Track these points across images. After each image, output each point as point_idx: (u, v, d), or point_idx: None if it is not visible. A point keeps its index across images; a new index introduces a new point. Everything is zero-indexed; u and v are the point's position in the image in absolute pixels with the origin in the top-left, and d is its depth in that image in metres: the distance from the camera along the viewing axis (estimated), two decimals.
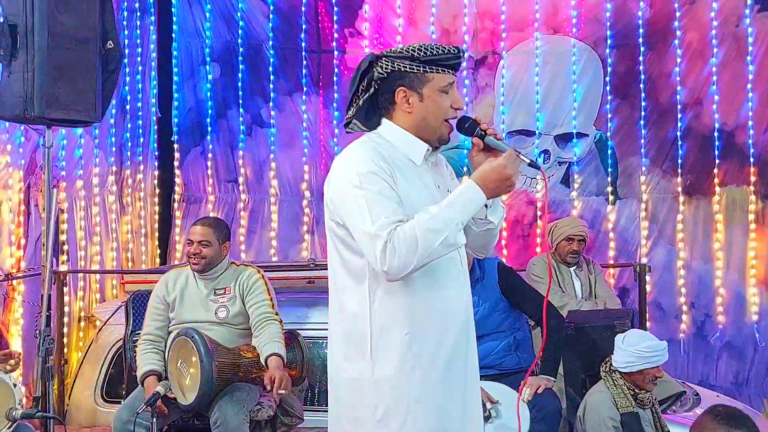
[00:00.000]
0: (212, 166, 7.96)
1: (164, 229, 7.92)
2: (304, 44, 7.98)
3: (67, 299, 6.44)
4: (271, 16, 7.94)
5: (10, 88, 4.60)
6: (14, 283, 5.97)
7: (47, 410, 4.45)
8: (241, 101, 7.96)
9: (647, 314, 6.29)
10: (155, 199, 7.89)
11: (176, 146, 7.94)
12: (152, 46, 7.75)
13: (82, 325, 6.72)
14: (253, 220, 8.01)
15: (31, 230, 6.18)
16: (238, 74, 7.94)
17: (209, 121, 7.95)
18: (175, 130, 7.92)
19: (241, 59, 7.94)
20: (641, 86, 7.58)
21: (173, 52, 7.86)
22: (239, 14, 7.91)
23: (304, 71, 7.99)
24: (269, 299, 4.51)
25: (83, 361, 5.83)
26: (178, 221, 7.90)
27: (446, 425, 2.63)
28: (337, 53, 7.95)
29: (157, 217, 7.90)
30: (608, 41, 7.67)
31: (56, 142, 6.30)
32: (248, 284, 4.55)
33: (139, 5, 7.52)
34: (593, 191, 7.80)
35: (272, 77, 7.97)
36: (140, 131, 7.62)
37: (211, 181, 7.96)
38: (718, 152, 7.35)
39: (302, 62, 7.99)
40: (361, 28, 7.98)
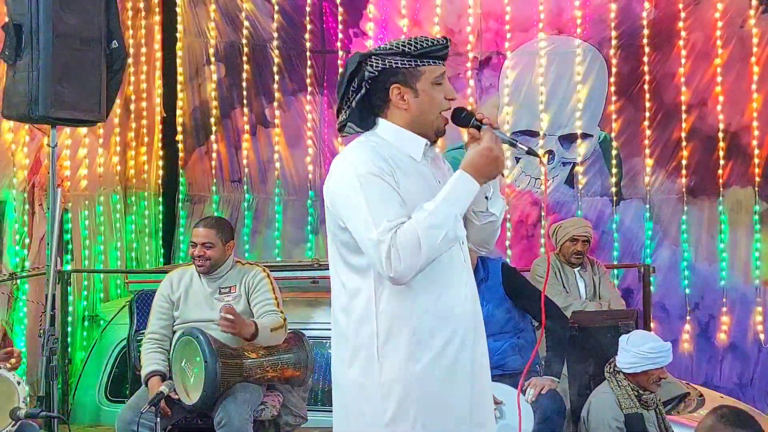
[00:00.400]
0: (216, 165, 7.97)
1: (168, 228, 7.94)
2: (308, 44, 7.97)
3: (71, 299, 6.45)
4: (275, 16, 7.93)
5: (15, 87, 4.61)
6: (18, 282, 5.99)
7: (51, 409, 4.44)
8: (245, 101, 7.96)
9: (651, 315, 6.27)
10: (159, 198, 7.90)
11: (180, 146, 7.95)
12: (157, 45, 7.77)
13: (86, 324, 6.74)
14: (257, 220, 8.01)
15: (35, 230, 6.19)
16: (242, 74, 7.94)
17: (214, 120, 7.96)
18: (179, 129, 7.93)
19: (245, 59, 7.94)
20: (645, 87, 7.55)
21: (178, 51, 7.88)
22: (244, 14, 7.91)
23: (308, 71, 7.98)
24: (274, 298, 4.50)
25: (87, 360, 5.85)
26: (182, 221, 7.91)
27: (456, 426, 2.60)
28: (341, 53, 7.95)
29: (161, 216, 7.92)
30: (613, 42, 7.64)
31: (61, 141, 6.31)
32: (253, 283, 4.54)
33: (143, 5, 7.53)
34: (597, 192, 7.77)
35: (277, 77, 7.96)
36: (145, 131, 7.63)
37: (215, 180, 7.97)
38: (722, 153, 7.33)
39: (307, 62, 7.98)
40: (365, 28, 7.97)
